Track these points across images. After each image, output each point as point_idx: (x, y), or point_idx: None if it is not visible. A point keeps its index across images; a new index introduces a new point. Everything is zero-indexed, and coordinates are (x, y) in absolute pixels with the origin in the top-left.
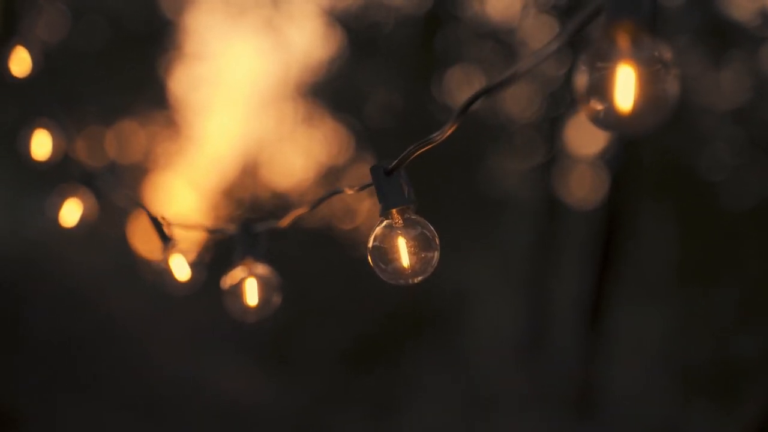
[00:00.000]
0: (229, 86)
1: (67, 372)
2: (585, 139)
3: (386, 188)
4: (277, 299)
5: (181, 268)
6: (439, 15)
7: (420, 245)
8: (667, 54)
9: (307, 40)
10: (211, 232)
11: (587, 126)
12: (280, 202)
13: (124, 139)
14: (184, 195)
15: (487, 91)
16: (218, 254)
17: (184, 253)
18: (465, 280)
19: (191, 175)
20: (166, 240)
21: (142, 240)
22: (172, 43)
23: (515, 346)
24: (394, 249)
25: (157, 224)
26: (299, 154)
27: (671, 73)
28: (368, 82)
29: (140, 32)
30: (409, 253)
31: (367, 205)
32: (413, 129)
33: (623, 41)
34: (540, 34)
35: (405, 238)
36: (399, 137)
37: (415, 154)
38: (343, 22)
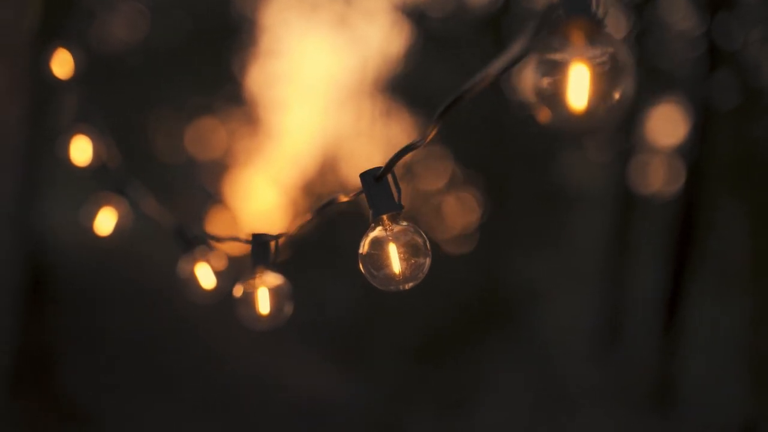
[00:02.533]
0: (307, 82)
1: (145, 371)
2: (662, 130)
3: (376, 194)
4: (289, 308)
5: (207, 277)
6: (510, 7)
7: (411, 251)
8: (621, 52)
9: (380, 35)
10: (223, 241)
11: (665, 117)
12: (359, 198)
13: (204, 136)
14: (263, 191)
15: (462, 95)
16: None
17: (211, 261)
18: (538, 275)
19: (270, 171)
20: (190, 248)
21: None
22: (248, 41)
23: (590, 340)
24: (385, 255)
25: (181, 233)
26: (377, 149)
27: (625, 71)
28: (442, 75)
29: (217, 30)
30: (400, 259)
31: (450, 200)
32: (487, 122)
33: (577, 39)
34: (611, 25)
35: (396, 244)
36: (474, 131)
37: (399, 160)
38: (415, 16)
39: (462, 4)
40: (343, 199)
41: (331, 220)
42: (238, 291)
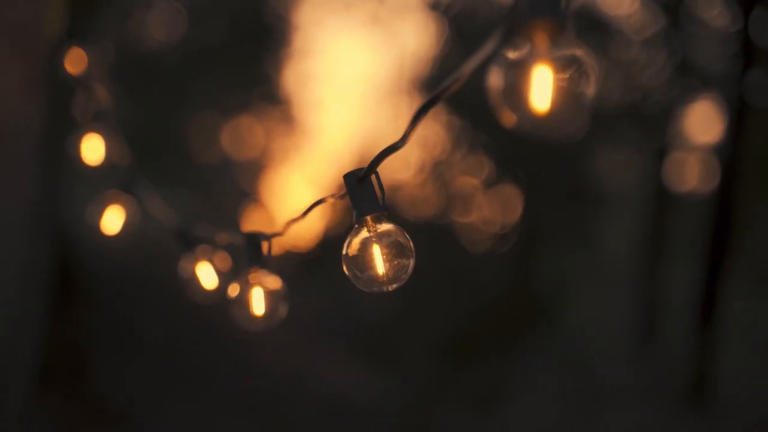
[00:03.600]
0: (343, 81)
1: (175, 370)
2: (698, 128)
3: (359, 195)
4: (283, 309)
5: (208, 277)
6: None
7: (395, 252)
8: (584, 54)
9: (414, 34)
10: (215, 241)
11: (701, 115)
12: (397, 196)
13: (240, 135)
14: (299, 190)
15: (438, 96)
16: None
17: (214, 261)
18: (571, 273)
19: (307, 170)
20: (191, 248)
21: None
22: (284, 40)
23: (624, 339)
24: (368, 256)
25: (183, 232)
26: (414, 148)
27: (588, 74)
28: (477, 74)
29: (253, 29)
30: (384, 260)
31: (484, 199)
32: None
33: (540, 41)
34: (650, 23)
35: (379, 246)
36: (514, 132)
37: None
38: (448, 14)
39: (495, 2)
40: (331, 200)
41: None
42: (233, 291)
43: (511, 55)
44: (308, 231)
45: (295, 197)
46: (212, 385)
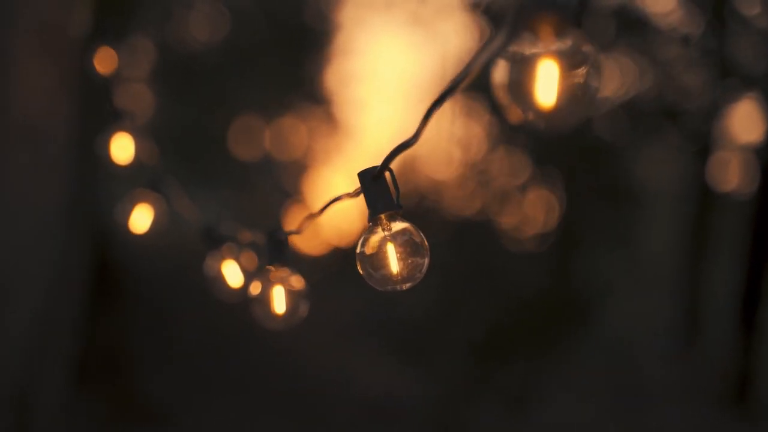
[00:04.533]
0: (385, 81)
1: (218, 371)
2: (741, 127)
3: (374, 194)
4: (304, 307)
5: (234, 275)
6: (586, 3)
7: (409, 251)
8: (589, 48)
9: (454, 33)
10: (237, 239)
11: (744, 114)
12: (439, 197)
13: (283, 135)
14: (342, 190)
15: (449, 92)
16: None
17: (238, 259)
18: (611, 272)
19: (350, 170)
20: (217, 246)
21: (297, 236)
22: (326, 40)
23: (665, 338)
24: (382, 255)
25: (211, 232)
26: (457, 148)
27: (593, 68)
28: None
29: (295, 29)
30: (398, 259)
31: (526, 198)
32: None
33: (546, 35)
34: (691, 22)
35: (394, 244)
36: (558, 134)
37: (395, 157)
38: (489, 13)
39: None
40: (346, 198)
41: (407, 215)
42: (254, 289)
43: (517, 49)
44: (350, 229)
45: (336, 196)
46: (251, 385)
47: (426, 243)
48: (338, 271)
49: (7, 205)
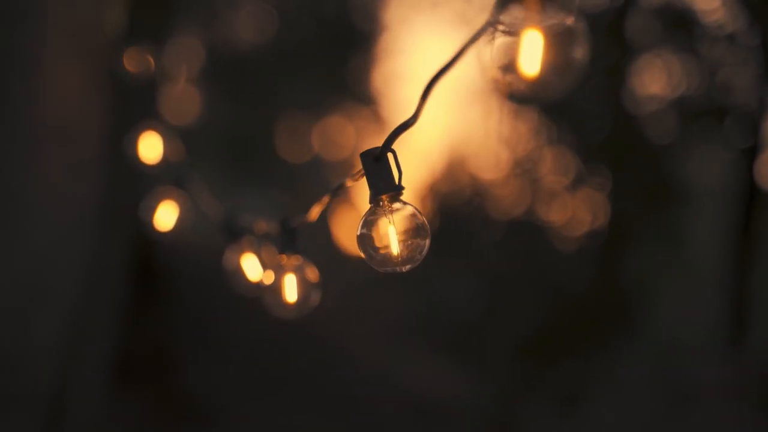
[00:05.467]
0: (435, 72)
1: (262, 369)
2: None
3: (375, 175)
4: (316, 296)
5: (253, 268)
6: (633, 3)
7: (410, 232)
8: (573, 20)
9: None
10: (250, 230)
11: None
12: (486, 196)
13: (331, 135)
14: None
15: (445, 69)
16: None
17: (258, 252)
18: (659, 272)
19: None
20: (236, 239)
21: (345, 234)
22: (372, 39)
23: (711, 338)
24: (383, 236)
25: (229, 225)
26: (505, 148)
27: (577, 38)
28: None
29: (341, 30)
30: (399, 240)
31: (573, 197)
32: (610, 119)
33: (530, 6)
34: (737, 19)
35: (394, 225)
36: (600, 130)
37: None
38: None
39: (587, 1)
40: (349, 183)
41: (449, 213)
42: (267, 278)
43: (502, 22)
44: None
45: None
46: (296, 384)
47: (427, 225)
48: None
49: (39, 206)
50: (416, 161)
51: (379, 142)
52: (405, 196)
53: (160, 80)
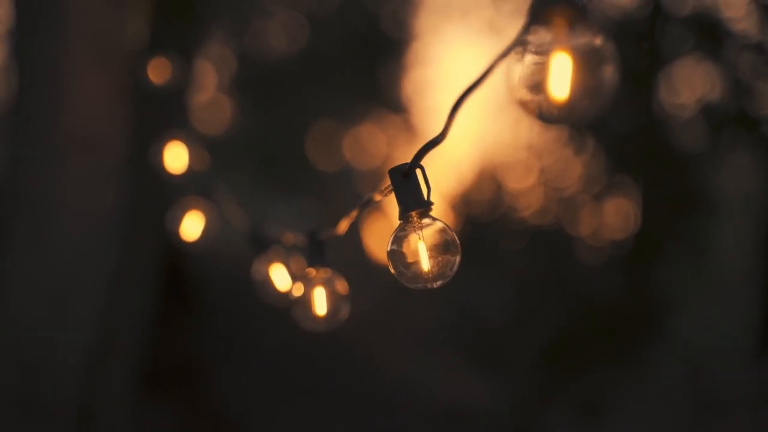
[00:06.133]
0: (462, 89)
1: (292, 378)
2: None
3: (404, 191)
4: (345, 309)
5: (282, 279)
6: (663, 11)
7: (440, 248)
8: (602, 41)
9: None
10: (278, 240)
11: None
12: (515, 204)
13: (362, 144)
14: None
15: (473, 87)
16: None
17: (287, 262)
18: (685, 280)
19: (430, 177)
20: (264, 249)
21: (374, 243)
22: (403, 48)
23: (741, 347)
24: (413, 252)
25: (256, 235)
26: (537, 157)
27: (607, 61)
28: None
29: (372, 38)
30: (429, 256)
31: (599, 206)
32: (639, 128)
33: (559, 29)
34: (764, 26)
35: (425, 242)
36: (630, 139)
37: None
38: None
39: (609, 9)
40: (378, 197)
41: (476, 221)
42: (296, 291)
43: (531, 43)
44: None
45: None
46: (324, 392)
47: (457, 240)
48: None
49: (64, 216)
50: (446, 170)
51: (410, 151)
52: (434, 205)
53: (184, 90)
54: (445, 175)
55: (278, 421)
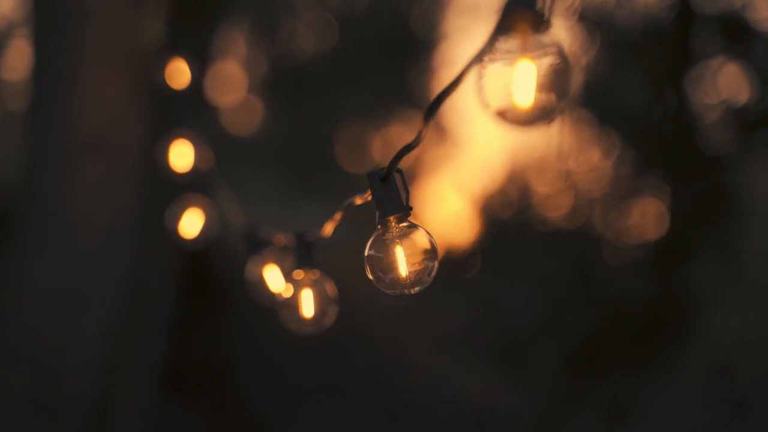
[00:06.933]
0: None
1: (317, 379)
2: None
3: (382, 196)
4: (333, 311)
5: (275, 280)
6: (692, 12)
7: (418, 254)
8: (562, 48)
9: (561, 42)
10: (266, 242)
11: None
12: (543, 207)
13: (391, 144)
14: (451, 200)
15: (444, 94)
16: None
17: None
18: (714, 283)
19: (458, 179)
20: (258, 250)
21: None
22: (432, 49)
23: None
24: (391, 258)
25: (251, 235)
26: (567, 158)
27: (568, 69)
28: (626, 85)
29: (400, 39)
30: (407, 262)
31: (627, 208)
32: (668, 129)
33: (522, 35)
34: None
35: (403, 247)
36: (659, 140)
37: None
38: (596, 23)
39: (640, 9)
40: (358, 201)
41: (503, 223)
42: (287, 292)
43: (496, 50)
44: (460, 237)
45: (446, 206)
46: (349, 392)
47: (436, 246)
48: (441, 279)
49: (79, 216)
50: (474, 170)
51: (439, 152)
52: (412, 210)
53: (200, 90)
54: (473, 177)
55: (303, 421)
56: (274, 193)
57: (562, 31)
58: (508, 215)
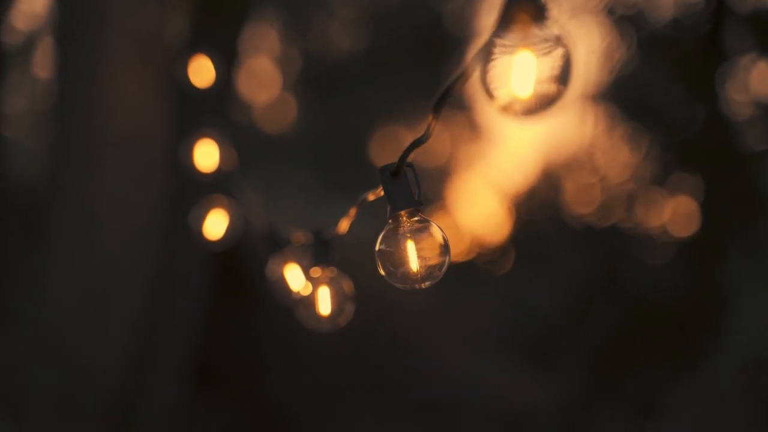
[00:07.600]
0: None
1: (348, 376)
2: None
3: (394, 190)
4: (350, 308)
5: (296, 279)
6: (723, 9)
7: (429, 249)
8: (563, 37)
9: (594, 37)
10: (281, 241)
11: None
12: (574, 202)
13: (425, 143)
14: (485, 197)
15: (451, 88)
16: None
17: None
18: (744, 280)
19: (492, 176)
20: (279, 249)
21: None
22: (466, 45)
23: None
24: (402, 253)
25: (272, 235)
26: (600, 155)
27: (566, 57)
28: (658, 82)
29: (435, 36)
30: (418, 256)
31: (660, 204)
32: (703, 127)
33: (521, 26)
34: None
35: (414, 242)
36: (691, 137)
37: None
38: (630, 19)
39: (673, 6)
40: (371, 197)
41: (534, 219)
42: (306, 290)
43: (496, 42)
44: (490, 234)
45: (480, 204)
46: (381, 390)
47: (447, 241)
48: (471, 276)
49: (104, 214)
50: (508, 166)
51: (474, 149)
52: (423, 205)
53: (231, 87)
54: (506, 174)
55: (335, 420)
56: (307, 191)
57: (569, 24)
58: (540, 212)
